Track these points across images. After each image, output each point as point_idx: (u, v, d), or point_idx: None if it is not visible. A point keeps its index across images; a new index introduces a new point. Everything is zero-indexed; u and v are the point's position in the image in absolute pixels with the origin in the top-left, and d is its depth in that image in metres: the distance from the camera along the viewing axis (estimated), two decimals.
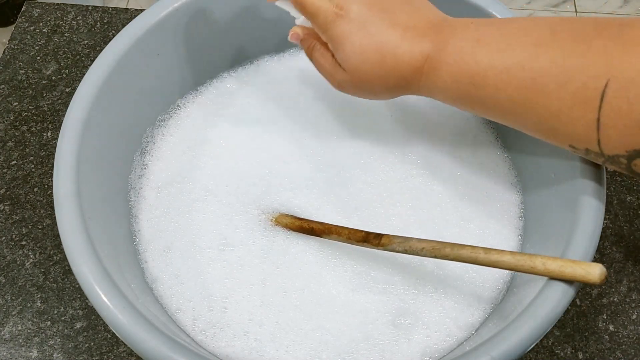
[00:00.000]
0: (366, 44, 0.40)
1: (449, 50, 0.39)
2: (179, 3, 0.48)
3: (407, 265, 0.46)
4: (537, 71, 0.36)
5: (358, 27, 0.40)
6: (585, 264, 0.35)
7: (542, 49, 0.36)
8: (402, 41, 0.40)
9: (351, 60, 0.40)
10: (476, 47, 0.38)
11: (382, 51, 0.40)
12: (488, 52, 0.37)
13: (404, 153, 0.51)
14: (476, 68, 0.38)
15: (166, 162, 0.51)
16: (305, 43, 0.45)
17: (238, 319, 0.44)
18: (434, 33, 0.40)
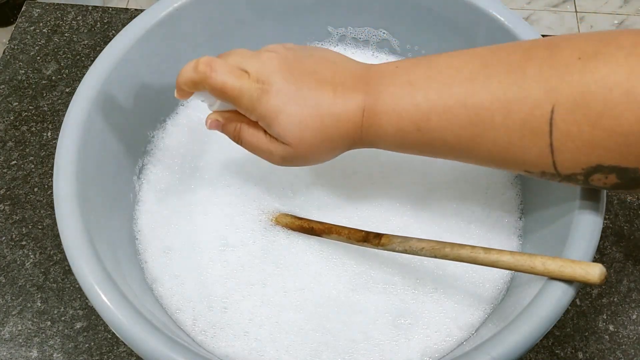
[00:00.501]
0: (302, 111, 0.38)
1: (384, 99, 0.38)
2: (179, 3, 0.48)
3: (407, 266, 0.46)
4: (479, 106, 0.35)
5: (288, 97, 0.38)
6: (585, 264, 0.35)
7: (478, 84, 0.35)
8: (335, 99, 0.38)
9: (291, 132, 0.38)
10: (411, 91, 0.37)
11: (319, 114, 0.38)
12: (425, 95, 0.37)
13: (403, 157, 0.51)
14: (417, 113, 0.37)
15: (166, 162, 0.51)
16: (229, 127, 0.41)
17: (238, 319, 0.44)
18: (362, 84, 0.39)
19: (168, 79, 0.51)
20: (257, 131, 0.40)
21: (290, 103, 0.38)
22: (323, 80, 0.39)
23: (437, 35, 0.52)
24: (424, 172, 0.50)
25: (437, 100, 0.36)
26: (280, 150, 0.39)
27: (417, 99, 0.37)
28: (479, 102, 0.35)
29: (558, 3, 1.60)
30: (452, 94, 0.36)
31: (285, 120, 0.38)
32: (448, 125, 0.36)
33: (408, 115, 0.37)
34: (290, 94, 0.38)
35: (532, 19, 1.57)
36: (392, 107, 0.37)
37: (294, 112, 0.38)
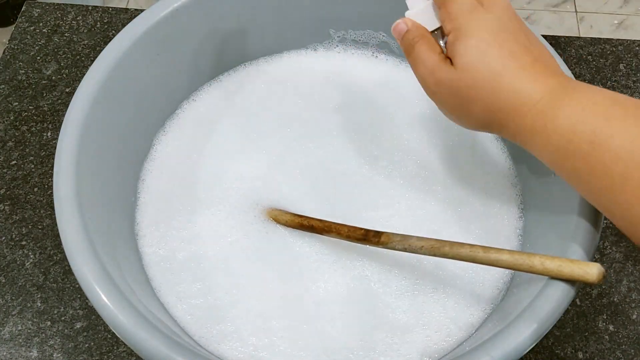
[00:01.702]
0: (494, 46, 0.36)
1: (579, 95, 0.34)
2: (179, 3, 0.48)
3: (406, 265, 0.46)
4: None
5: (494, 27, 0.36)
6: (584, 264, 0.35)
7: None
8: (533, 63, 0.36)
9: (470, 54, 0.36)
10: (613, 105, 0.33)
11: (507, 62, 0.36)
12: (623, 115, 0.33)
13: (403, 153, 0.51)
14: (604, 125, 0.33)
15: (166, 162, 0.51)
16: (409, 35, 0.39)
17: (238, 320, 0.44)
18: (562, 77, 0.36)
19: (168, 78, 0.51)
20: (434, 48, 0.38)
21: (491, 32, 0.36)
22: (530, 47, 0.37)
23: None
24: (424, 172, 0.50)
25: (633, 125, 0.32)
26: (444, 72, 0.37)
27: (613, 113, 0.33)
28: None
29: (558, 3, 1.60)
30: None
31: (474, 43, 0.36)
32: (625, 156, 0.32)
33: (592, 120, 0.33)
34: (497, 27, 0.36)
35: (532, 18, 1.57)
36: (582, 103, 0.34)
37: (487, 41, 0.36)
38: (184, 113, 0.53)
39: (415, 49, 0.39)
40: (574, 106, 0.34)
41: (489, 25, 0.36)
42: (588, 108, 0.34)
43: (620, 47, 0.64)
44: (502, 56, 0.36)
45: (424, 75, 0.39)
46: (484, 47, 0.36)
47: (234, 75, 0.56)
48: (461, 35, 0.37)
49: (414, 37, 0.39)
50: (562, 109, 0.34)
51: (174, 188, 0.50)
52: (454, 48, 0.37)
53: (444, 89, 0.38)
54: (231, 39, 0.54)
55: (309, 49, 0.57)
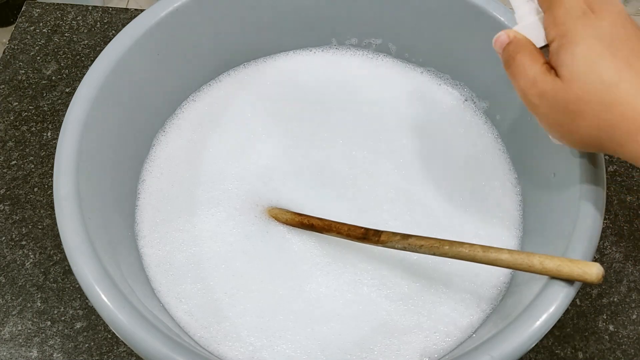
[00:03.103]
0: (606, 55, 0.32)
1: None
2: (179, 3, 0.48)
3: (406, 265, 0.46)
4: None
5: (605, 34, 0.33)
6: (583, 263, 0.35)
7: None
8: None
9: (577, 64, 0.33)
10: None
11: (620, 75, 0.32)
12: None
13: (403, 153, 0.51)
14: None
15: (166, 162, 0.51)
16: (510, 47, 0.37)
17: (238, 320, 0.44)
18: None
19: (168, 78, 0.51)
20: (536, 58, 0.35)
21: (601, 41, 0.33)
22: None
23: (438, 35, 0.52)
24: (423, 172, 0.50)
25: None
26: (548, 83, 0.34)
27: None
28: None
29: None
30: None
31: (583, 51, 0.33)
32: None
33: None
34: (608, 35, 0.33)
35: None
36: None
37: (597, 51, 0.32)
38: (184, 113, 0.53)
39: (516, 60, 0.36)
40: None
41: (600, 33, 0.33)
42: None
43: None
44: (616, 66, 0.32)
45: (525, 88, 0.35)
46: (595, 56, 0.32)
47: (234, 76, 0.56)
48: (567, 43, 0.33)
49: (515, 48, 0.36)
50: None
51: (174, 188, 0.50)
52: (559, 57, 0.34)
53: (547, 102, 0.34)
54: (231, 39, 0.54)
55: (308, 50, 0.57)
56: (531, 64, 0.35)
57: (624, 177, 0.57)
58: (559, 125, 0.35)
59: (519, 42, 0.36)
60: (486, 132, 0.52)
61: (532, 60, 0.35)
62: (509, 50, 0.37)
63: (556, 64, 0.34)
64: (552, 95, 0.34)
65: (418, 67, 0.55)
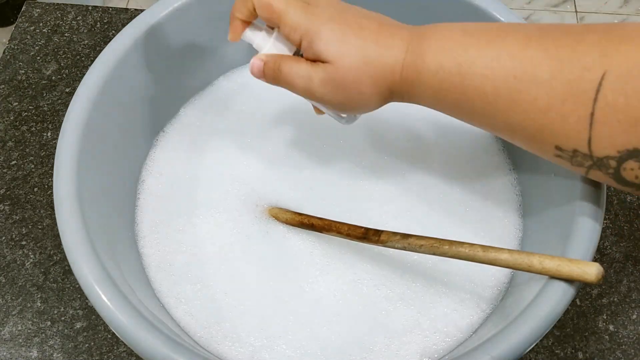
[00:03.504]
0: (345, 29, 0.38)
1: (435, 37, 0.37)
2: (179, 3, 0.48)
3: (406, 265, 0.46)
4: (528, 60, 0.34)
5: (333, 13, 0.38)
6: (582, 263, 0.35)
7: (533, 41, 0.35)
8: (380, 27, 0.38)
9: (333, 46, 0.37)
10: (463, 37, 0.36)
11: (362, 36, 0.38)
12: (477, 42, 0.36)
13: (402, 153, 0.51)
14: (464, 55, 0.36)
15: (166, 162, 0.51)
16: (269, 65, 0.41)
17: (237, 320, 0.44)
18: (409, 27, 0.39)
19: (168, 79, 0.51)
20: (298, 60, 0.40)
21: (335, 19, 0.38)
22: (370, 16, 0.39)
23: None
24: (423, 172, 0.50)
25: (487, 49, 0.35)
26: (320, 72, 0.38)
27: (467, 43, 0.36)
28: (530, 55, 0.34)
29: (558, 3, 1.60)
30: (503, 44, 0.35)
31: (328, 34, 0.37)
32: (489, 74, 0.35)
33: (454, 54, 0.36)
34: (335, 12, 0.38)
35: (532, 18, 1.57)
36: (440, 45, 0.37)
37: (337, 28, 0.38)
38: (184, 114, 0.53)
39: (282, 71, 0.40)
40: (434, 48, 0.37)
41: (327, 14, 0.38)
42: (447, 46, 0.36)
43: None
44: (356, 32, 0.37)
45: (305, 85, 0.39)
46: (338, 33, 0.37)
47: (234, 76, 0.56)
48: (312, 36, 0.38)
49: (274, 63, 0.40)
50: (426, 54, 0.37)
51: (174, 189, 0.50)
52: (314, 49, 0.38)
53: (329, 86, 0.38)
54: None
55: None
56: (298, 64, 0.39)
57: None
58: (349, 99, 0.39)
59: (273, 57, 0.40)
60: (486, 133, 0.52)
61: (297, 62, 0.39)
62: (270, 67, 0.40)
63: (315, 55, 0.38)
64: (330, 77, 0.38)
65: None
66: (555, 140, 0.35)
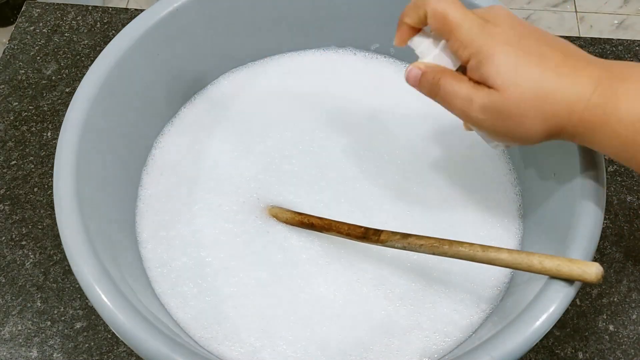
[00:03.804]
0: (522, 55, 0.34)
1: (631, 84, 0.33)
2: (179, 3, 0.48)
3: (405, 265, 0.46)
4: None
5: (512, 37, 0.35)
6: (582, 263, 0.35)
7: None
8: (565, 59, 0.34)
9: (505, 73, 0.34)
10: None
11: (542, 64, 0.34)
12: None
13: (402, 153, 0.51)
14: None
15: (166, 162, 0.51)
16: (428, 76, 0.37)
17: (238, 320, 0.44)
18: (600, 63, 0.35)
19: (168, 78, 0.51)
20: (460, 78, 0.36)
21: (512, 44, 0.34)
22: (554, 45, 0.35)
23: None
24: (423, 172, 0.50)
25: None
26: (484, 97, 0.35)
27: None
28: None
29: (558, 3, 1.60)
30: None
31: (502, 59, 0.34)
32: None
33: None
34: (514, 38, 0.35)
35: (532, 18, 1.57)
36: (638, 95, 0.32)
37: (514, 53, 0.34)
38: (184, 113, 0.53)
39: (441, 86, 0.37)
40: (632, 95, 0.33)
41: (505, 38, 0.35)
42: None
43: (620, 47, 0.64)
44: (534, 62, 0.34)
45: (464, 107, 0.36)
46: (513, 59, 0.34)
47: (234, 76, 0.56)
48: (484, 57, 0.34)
49: (434, 76, 0.37)
50: (622, 99, 0.33)
51: (174, 189, 0.50)
52: (483, 71, 0.35)
53: (491, 114, 0.35)
54: (231, 39, 0.54)
55: (308, 51, 0.57)
56: (459, 84, 0.36)
57: (624, 177, 0.57)
58: (510, 131, 0.35)
59: (434, 69, 0.37)
60: None
61: (458, 80, 0.36)
62: (428, 79, 0.37)
63: (482, 78, 0.35)
64: (493, 106, 0.34)
65: None
66: None
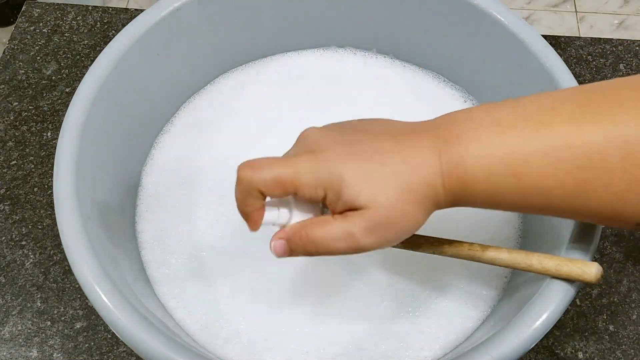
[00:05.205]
0: (364, 161, 0.33)
1: (467, 142, 0.33)
2: (179, 3, 0.48)
3: (405, 264, 0.46)
4: (590, 147, 0.30)
5: (343, 149, 0.33)
6: (582, 263, 0.35)
7: (584, 122, 0.31)
8: (397, 142, 0.33)
9: (362, 189, 0.32)
10: (500, 132, 0.32)
11: (385, 162, 0.33)
12: (520, 135, 0.32)
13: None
14: (512, 156, 0.32)
15: (166, 162, 0.51)
16: (295, 237, 0.35)
17: (238, 321, 0.44)
18: (428, 130, 0.34)
19: (168, 78, 0.51)
20: (325, 220, 0.34)
21: (349, 156, 0.33)
22: (379, 133, 0.34)
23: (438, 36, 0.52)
24: None
25: (536, 141, 0.31)
26: (360, 222, 0.33)
27: (511, 140, 0.32)
28: (589, 141, 0.30)
29: (558, 3, 1.60)
30: (554, 133, 0.31)
31: (353, 178, 0.32)
32: (551, 170, 0.31)
33: (500, 159, 0.32)
34: (345, 149, 0.33)
35: (532, 18, 1.57)
36: (479, 150, 0.32)
37: (357, 166, 0.33)
38: (184, 113, 0.53)
39: (312, 238, 0.34)
40: (472, 152, 0.32)
41: (338, 154, 0.33)
42: (486, 148, 0.32)
43: (620, 47, 0.64)
44: (377, 163, 0.33)
45: (348, 244, 0.34)
46: (361, 172, 0.32)
47: (234, 76, 0.56)
48: (337, 185, 0.33)
49: (299, 235, 0.34)
50: (466, 161, 0.32)
51: (175, 188, 0.50)
52: (344, 200, 0.33)
53: (376, 232, 0.33)
54: (231, 39, 0.54)
55: (308, 50, 0.57)
56: (329, 226, 0.34)
57: None
58: (399, 235, 0.34)
59: (294, 228, 0.35)
60: None
61: (325, 223, 0.34)
62: (296, 241, 0.35)
63: (345, 206, 0.33)
64: (373, 224, 0.33)
65: (418, 68, 0.55)
66: (637, 219, 0.32)
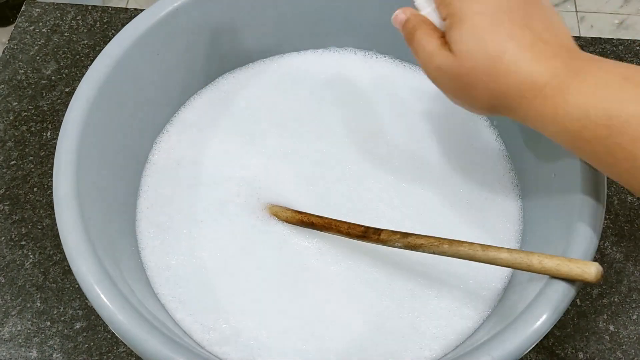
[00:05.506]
0: (489, 31, 0.35)
1: (587, 79, 0.33)
2: (179, 3, 0.48)
3: (405, 264, 0.46)
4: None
5: (487, 10, 0.35)
6: (582, 263, 0.35)
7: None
8: (531, 47, 0.34)
9: (465, 41, 0.35)
10: (623, 85, 0.32)
11: (503, 47, 0.34)
12: (636, 95, 0.31)
13: (401, 151, 0.51)
14: (618, 109, 0.31)
15: (167, 162, 0.51)
16: (408, 24, 0.39)
17: (239, 321, 0.44)
18: (567, 55, 0.34)
19: (168, 78, 0.51)
20: (434, 32, 0.38)
21: (485, 16, 0.35)
22: (530, 25, 0.35)
23: None
24: (422, 170, 0.50)
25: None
26: (442, 58, 0.36)
27: (626, 93, 0.31)
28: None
29: (558, 3, 1.60)
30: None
31: (469, 28, 0.35)
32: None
33: (607, 105, 0.32)
34: (493, 9, 0.35)
35: None
36: (592, 90, 0.32)
37: (482, 26, 0.35)
38: (184, 113, 0.53)
39: (415, 36, 0.38)
40: (584, 91, 0.32)
41: (483, 8, 0.35)
42: (599, 91, 0.32)
43: (620, 47, 0.64)
44: (499, 39, 0.34)
45: (424, 61, 0.38)
46: (480, 32, 0.35)
47: (234, 77, 0.56)
48: (456, 22, 0.36)
49: (413, 25, 0.39)
50: (572, 95, 0.33)
51: (175, 188, 0.50)
52: (450, 34, 0.36)
53: (443, 75, 0.37)
54: (231, 40, 0.54)
55: (308, 51, 0.57)
56: (429, 39, 0.37)
57: None
58: (457, 95, 0.38)
59: (416, 18, 0.39)
60: (486, 132, 0.52)
61: (430, 35, 0.38)
62: (407, 27, 0.39)
63: (449, 40, 0.36)
64: (447, 69, 0.36)
65: (417, 68, 0.55)
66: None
